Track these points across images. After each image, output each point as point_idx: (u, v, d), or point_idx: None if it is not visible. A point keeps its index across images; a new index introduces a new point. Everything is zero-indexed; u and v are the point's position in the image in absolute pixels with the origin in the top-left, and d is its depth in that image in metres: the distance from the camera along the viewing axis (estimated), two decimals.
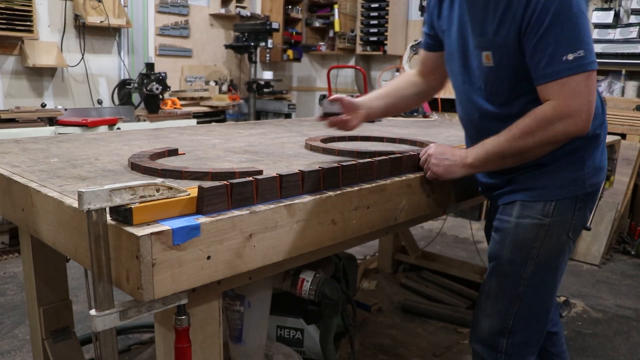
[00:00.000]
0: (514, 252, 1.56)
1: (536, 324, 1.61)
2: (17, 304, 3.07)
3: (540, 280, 1.57)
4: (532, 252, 1.54)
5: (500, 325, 1.60)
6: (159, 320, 1.21)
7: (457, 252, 4.24)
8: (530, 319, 1.59)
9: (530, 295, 1.57)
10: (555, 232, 1.53)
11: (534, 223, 1.53)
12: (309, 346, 2.42)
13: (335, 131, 1.83)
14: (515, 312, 1.58)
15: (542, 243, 1.53)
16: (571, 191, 1.53)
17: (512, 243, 1.56)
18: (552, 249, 1.55)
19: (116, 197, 1.00)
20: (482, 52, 1.49)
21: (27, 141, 2.02)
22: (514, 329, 1.58)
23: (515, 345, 1.59)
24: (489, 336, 1.62)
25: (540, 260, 1.54)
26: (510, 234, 1.56)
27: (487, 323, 1.63)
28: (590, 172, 1.55)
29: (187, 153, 1.80)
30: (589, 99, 1.36)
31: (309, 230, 1.29)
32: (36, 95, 4.80)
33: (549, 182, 1.52)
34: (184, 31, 5.93)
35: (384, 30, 6.43)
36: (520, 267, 1.55)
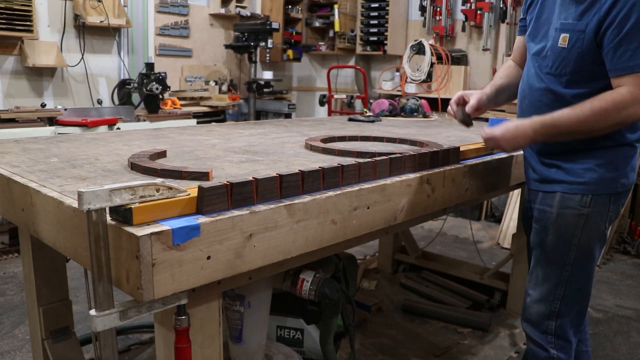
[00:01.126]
0: (557, 240, 1.72)
1: (580, 306, 1.77)
2: (17, 304, 3.07)
3: (582, 265, 1.71)
4: (574, 239, 1.69)
5: (548, 309, 1.76)
6: (159, 320, 1.21)
7: (457, 252, 4.24)
8: (575, 301, 1.75)
9: (573, 279, 1.72)
10: (594, 221, 1.68)
11: (574, 213, 1.68)
12: (309, 346, 2.42)
13: (335, 131, 1.84)
14: (561, 296, 1.74)
15: (582, 231, 1.68)
16: (606, 189, 1.67)
17: (555, 231, 1.72)
18: (592, 237, 1.70)
19: (116, 197, 1.00)
20: (561, 34, 1.63)
21: (27, 141, 2.02)
22: (560, 312, 1.75)
23: (563, 327, 1.76)
24: (539, 320, 1.78)
25: (582, 246, 1.69)
26: (553, 222, 1.72)
27: (536, 308, 1.79)
28: (625, 174, 1.69)
29: (187, 153, 1.80)
30: None
31: (309, 230, 1.29)
32: (36, 95, 4.80)
33: (587, 178, 1.67)
34: (184, 31, 5.92)
35: (384, 30, 6.43)
36: (563, 254, 1.71)
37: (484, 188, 1.98)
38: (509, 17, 5.69)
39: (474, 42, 6.08)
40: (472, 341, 2.81)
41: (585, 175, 1.67)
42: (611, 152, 1.66)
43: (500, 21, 5.79)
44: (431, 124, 3.18)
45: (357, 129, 2.69)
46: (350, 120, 3.17)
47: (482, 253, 4.04)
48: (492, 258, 4.05)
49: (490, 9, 5.73)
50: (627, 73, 1.52)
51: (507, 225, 4.51)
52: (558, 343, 1.77)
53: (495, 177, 2.05)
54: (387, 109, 3.45)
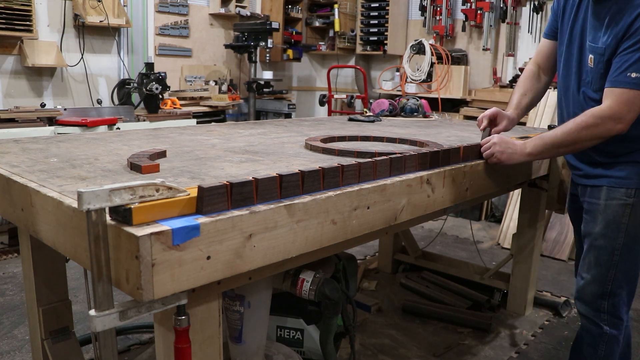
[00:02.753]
0: (606, 228, 1.87)
1: (630, 286, 1.93)
2: (17, 304, 3.06)
3: (630, 249, 1.87)
4: (622, 226, 1.85)
5: (601, 289, 1.91)
6: (158, 320, 1.20)
7: (457, 252, 4.24)
8: (625, 282, 1.91)
9: (623, 262, 1.88)
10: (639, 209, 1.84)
11: (621, 203, 1.84)
12: (309, 346, 2.42)
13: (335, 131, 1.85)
14: (612, 278, 1.89)
15: (629, 219, 1.84)
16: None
17: (604, 220, 1.88)
18: (638, 223, 1.86)
19: (116, 197, 0.99)
20: (589, 55, 1.81)
21: (26, 141, 2.01)
22: (612, 292, 1.90)
23: (615, 305, 1.92)
24: (592, 299, 1.94)
25: (629, 232, 1.85)
26: (601, 212, 1.88)
27: (589, 288, 1.93)
28: None
29: (187, 153, 1.80)
30: (636, 111, 1.69)
31: (309, 230, 1.29)
32: (35, 95, 4.79)
33: (628, 172, 1.83)
34: (184, 31, 5.92)
35: (384, 30, 6.43)
36: (613, 240, 1.87)
37: (484, 188, 1.98)
38: (509, 17, 5.69)
39: (474, 42, 6.08)
40: (473, 341, 2.81)
41: (626, 170, 1.83)
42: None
43: (500, 21, 5.79)
44: (431, 123, 3.18)
45: (357, 129, 2.69)
46: (350, 120, 3.17)
47: (483, 253, 4.03)
48: (493, 258, 4.05)
49: (491, 8, 5.73)
50: (609, 86, 1.71)
51: (507, 225, 4.51)
52: (611, 320, 1.92)
53: (495, 177, 2.04)
54: (387, 109, 3.45)
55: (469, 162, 1.89)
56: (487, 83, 5.99)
